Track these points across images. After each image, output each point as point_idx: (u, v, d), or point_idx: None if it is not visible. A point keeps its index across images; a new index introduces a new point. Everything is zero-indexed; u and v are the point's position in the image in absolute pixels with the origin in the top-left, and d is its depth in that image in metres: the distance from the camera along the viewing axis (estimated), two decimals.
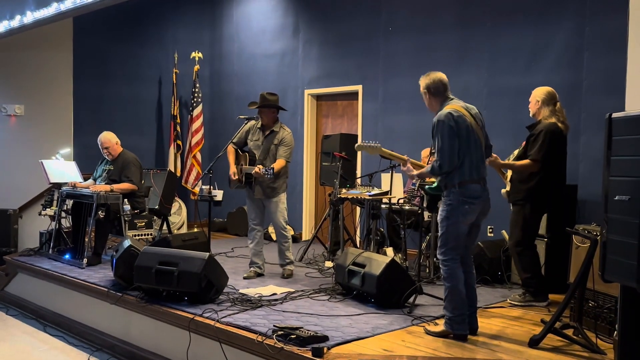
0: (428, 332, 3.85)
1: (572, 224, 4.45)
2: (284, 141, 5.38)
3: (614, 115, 2.96)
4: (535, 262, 4.63)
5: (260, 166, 5.15)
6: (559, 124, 4.52)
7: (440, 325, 3.85)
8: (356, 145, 4.33)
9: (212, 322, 3.99)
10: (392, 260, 4.46)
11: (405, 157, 4.10)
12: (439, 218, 3.81)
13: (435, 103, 3.86)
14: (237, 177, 5.37)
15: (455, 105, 3.76)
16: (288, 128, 5.51)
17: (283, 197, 5.48)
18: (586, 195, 5.40)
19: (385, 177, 6.02)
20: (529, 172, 4.51)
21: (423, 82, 3.86)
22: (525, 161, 4.51)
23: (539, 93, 4.64)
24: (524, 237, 4.58)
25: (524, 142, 4.64)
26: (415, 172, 3.94)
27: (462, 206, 3.69)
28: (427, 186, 4.07)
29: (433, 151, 3.80)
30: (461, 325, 3.73)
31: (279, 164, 5.29)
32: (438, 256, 3.83)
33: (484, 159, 3.82)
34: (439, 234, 3.81)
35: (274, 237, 7.45)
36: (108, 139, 6.27)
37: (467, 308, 3.77)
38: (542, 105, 4.59)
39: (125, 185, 6.09)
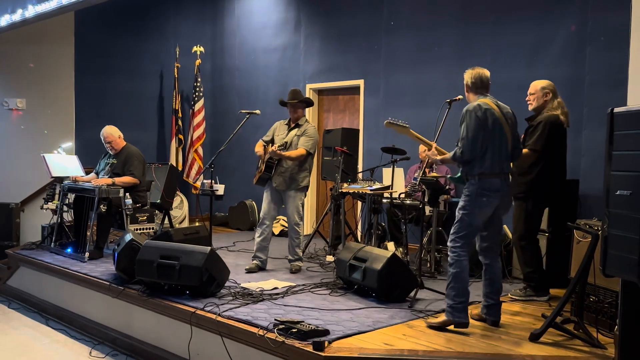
0: (429, 325, 3.89)
1: (574, 219, 4.45)
2: (307, 132, 5.48)
3: (616, 110, 2.96)
4: (538, 256, 4.63)
5: (276, 145, 5.29)
6: (562, 117, 4.51)
7: (441, 316, 3.89)
8: (385, 122, 4.32)
9: (213, 316, 4.00)
10: (393, 255, 4.47)
11: (432, 142, 4.14)
12: (457, 208, 3.88)
13: (471, 97, 3.95)
14: (260, 149, 5.51)
15: (486, 100, 3.85)
16: (312, 123, 5.59)
17: (301, 192, 5.51)
18: (588, 190, 5.40)
19: (386, 172, 6.03)
20: (528, 163, 4.49)
21: (466, 75, 3.97)
22: (524, 151, 4.50)
23: (545, 84, 4.61)
24: (527, 231, 4.57)
25: (523, 135, 4.62)
26: (439, 157, 4.02)
27: (479, 198, 3.76)
28: (449, 175, 4.14)
29: (457, 145, 3.87)
30: (462, 314, 3.78)
31: (298, 151, 5.38)
32: (448, 243, 3.90)
33: (508, 156, 3.86)
34: (454, 222, 3.87)
35: (275, 231, 7.48)
36: (110, 133, 6.26)
37: (469, 297, 3.84)
38: (553, 97, 4.57)
39: (127, 179, 6.10)
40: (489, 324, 3.95)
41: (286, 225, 7.19)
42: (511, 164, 4.68)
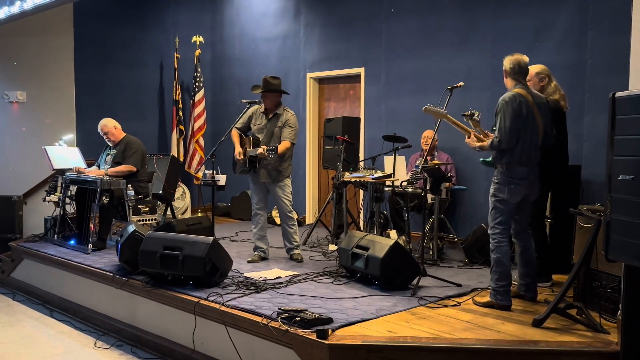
0: (475, 303, 4.13)
1: (576, 205, 4.45)
2: (288, 123, 5.38)
3: (618, 94, 2.95)
4: (543, 242, 4.62)
5: (265, 147, 5.16)
6: (561, 101, 4.49)
7: (487, 296, 4.12)
8: (424, 107, 4.34)
9: (217, 306, 4.01)
10: (396, 243, 4.47)
11: (470, 130, 4.21)
12: (489, 195, 4.08)
13: (509, 83, 4.09)
14: (242, 156, 5.36)
15: (521, 90, 4.00)
16: (291, 110, 5.51)
17: (288, 180, 5.49)
18: (590, 175, 5.39)
19: (388, 160, 6.02)
20: None
21: (505, 61, 4.11)
22: None
23: (540, 70, 4.58)
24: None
25: None
26: (477, 144, 4.11)
27: (508, 186, 3.97)
28: (481, 158, 4.29)
29: (494, 128, 4.01)
30: (504, 297, 4.00)
31: (284, 145, 5.29)
32: (488, 230, 4.10)
33: (537, 145, 4.03)
34: (489, 210, 4.08)
35: (277, 221, 7.49)
36: (105, 124, 6.29)
37: (510, 280, 4.04)
38: (549, 80, 4.55)
39: (121, 168, 6.09)
40: (527, 300, 4.16)
41: None
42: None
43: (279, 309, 3.77)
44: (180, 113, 8.73)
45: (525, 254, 4.17)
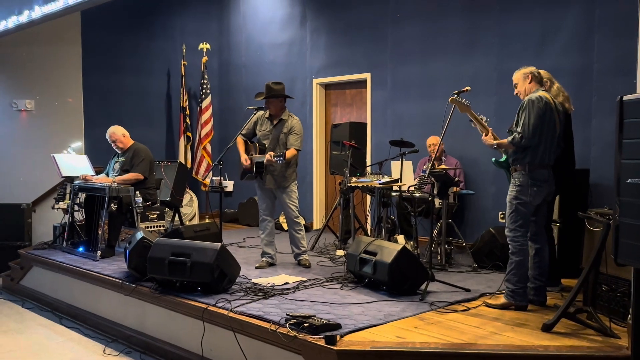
0: (489, 305, 4.15)
1: (585, 208, 4.43)
2: (294, 129, 5.39)
3: (626, 97, 2.94)
4: (551, 246, 4.61)
5: (272, 153, 5.17)
6: (566, 104, 4.48)
7: (501, 298, 4.17)
8: (450, 98, 4.36)
9: (225, 312, 4.01)
10: (404, 248, 4.46)
11: (488, 127, 4.24)
12: (508, 197, 4.10)
13: (531, 87, 4.16)
14: (248, 162, 5.37)
15: (546, 93, 4.10)
16: (296, 116, 5.52)
17: (294, 186, 5.50)
18: (598, 179, 5.37)
19: (395, 165, 6.01)
20: None
21: (527, 68, 4.20)
22: None
23: (541, 73, 4.58)
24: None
25: None
26: (495, 141, 4.15)
27: (530, 188, 4.02)
28: (494, 158, 4.33)
29: (512, 129, 4.06)
30: (523, 297, 4.09)
31: (290, 152, 5.30)
32: (507, 233, 4.10)
33: (554, 149, 4.10)
34: (508, 212, 4.09)
35: (285, 226, 7.49)
36: (113, 132, 6.32)
37: (527, 281, 4.12)
38: (552, 83, 4.55)
39: (128, 176, 6.11)
40: (536, 305, 4.17)
41: None
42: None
43: (287, 314, 3.77)
44: (188, 120, 8.77)
45: (539, 256, 4.19)
